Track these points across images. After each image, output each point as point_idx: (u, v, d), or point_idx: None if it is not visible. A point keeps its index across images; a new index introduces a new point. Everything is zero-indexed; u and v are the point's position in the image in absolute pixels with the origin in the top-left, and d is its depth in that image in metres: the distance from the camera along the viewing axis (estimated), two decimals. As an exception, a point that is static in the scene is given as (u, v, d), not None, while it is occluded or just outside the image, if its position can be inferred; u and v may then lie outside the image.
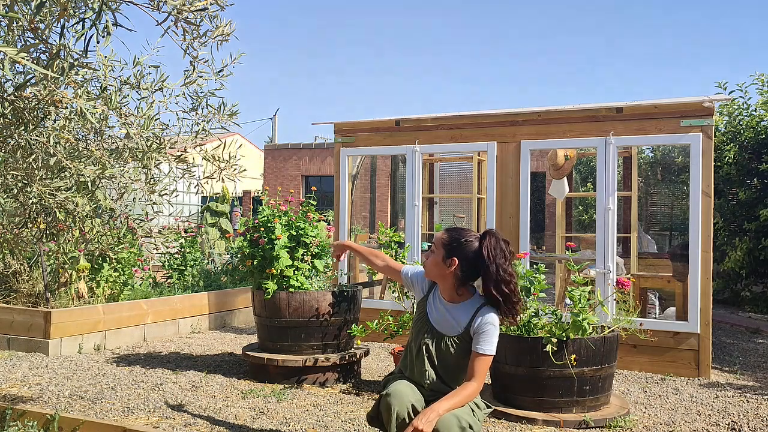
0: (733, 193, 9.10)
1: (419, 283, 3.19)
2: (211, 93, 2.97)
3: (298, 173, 22.73)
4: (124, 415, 3.99)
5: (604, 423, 3.91)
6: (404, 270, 3.30)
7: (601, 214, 5.55)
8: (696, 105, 5.29)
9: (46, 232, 3.12)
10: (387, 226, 8.45)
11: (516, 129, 5.96)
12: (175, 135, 3.01)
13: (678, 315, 6.31)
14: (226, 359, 5.60)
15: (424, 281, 3.18)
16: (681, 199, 11.87)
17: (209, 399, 4.35)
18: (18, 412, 3.65)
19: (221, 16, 2.69)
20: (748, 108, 9.03)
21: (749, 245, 8.54)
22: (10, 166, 2.73)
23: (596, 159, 5.69)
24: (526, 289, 4.20)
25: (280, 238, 4.83)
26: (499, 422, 3.95)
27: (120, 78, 2.74)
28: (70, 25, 2.42)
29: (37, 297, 6.33)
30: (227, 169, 3.09)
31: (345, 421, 3.93)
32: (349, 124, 6.71)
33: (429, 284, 3.15)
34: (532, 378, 3.97)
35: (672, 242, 12.22)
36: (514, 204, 5.92)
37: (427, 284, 3.15)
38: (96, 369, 5.15)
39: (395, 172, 10.71)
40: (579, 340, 3.91)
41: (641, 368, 5.38)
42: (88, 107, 2.34)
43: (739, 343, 6.65)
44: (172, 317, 6.71)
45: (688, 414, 4.21)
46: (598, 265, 5.52)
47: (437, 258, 2.96)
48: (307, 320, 4.78)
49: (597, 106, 5.72)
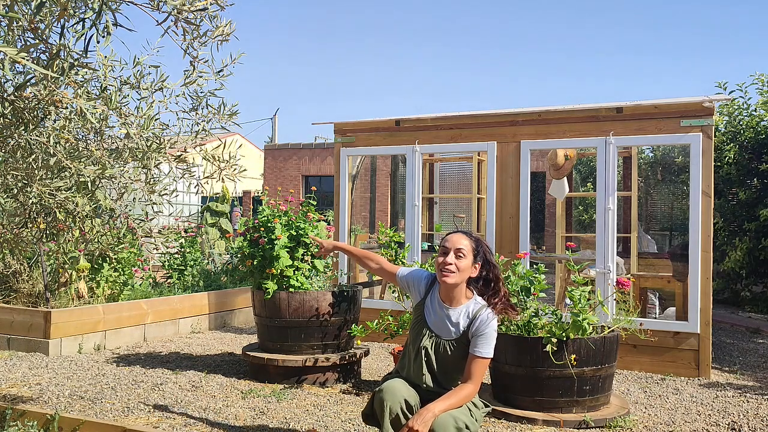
0: (733, 193, 9.11)
1: (416, 286, 3.17)
2: (211, 93, 2.97)
3: (298, 173, 22.73)
4: (124, 415, 3.99)
5: (604, 423, 3.91)
6: (400, 273, 3.27)
7: (601, 214, 5.55)
8: (696, 105, 5.29)
9: (46, 232, 3.12)
10: (387, 226, 8.45)
11: (516, 129, 5.96)
12: (175, 135, 3.01)
13: (678, 315, 6.31)
14: (226, 359, 5.60)
15: (420, 284, 3.16)
16: (681, 199, 11.87)
17: (209, 399, 4.35)
18: (18, 412, 3.65)
19: (221, 16, 2.70)
20: (748, 108, 9.03)
21: (749, 245, 8.54)
22: (10, 166, 2.73)
23: (596, 159, 5.69)
24: (526, 289, 4.20)
25: (280, 238, 4.83)
26: (499, 422, 3.95)
27: (120, 78, 2.74)
28: (70, 25, 2.42)
29: (37, 297, 6.33)
30: (227, 169, 3.09)
31: (345, 421, 3.93)
32: (349, 124, 6.71)
33: (426, 287, 3.13)
34: (532, 378, 3.97)
35: (672, 242, 12.22)
36: (514, 204, 5.91)
37: (424, 287, 3.14)
38: (96, 369, 5.15)
39: (395, 172, 10.71)
40: (579, 340, 3.91)
41: (641, 368, 5.38)
42: (88, 107, 2.34)
43: (739, 343, 6.65)
44: (172, 317, 6.71)
45: (688, 414, 4.21)
46: (598, 265, 5.52)
47: (468, 263, 2.97)
48: (307, 320, 4.78)
49: (597, 106, 5.72)
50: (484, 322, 2.93)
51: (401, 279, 3.25)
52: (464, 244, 2.99)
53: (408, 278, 3.22)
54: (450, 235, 3.06)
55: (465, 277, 2.98)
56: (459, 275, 2.96)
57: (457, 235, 3.03)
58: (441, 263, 2.97)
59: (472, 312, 2.97)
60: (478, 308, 2.98)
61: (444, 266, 2.95)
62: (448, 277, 2.94)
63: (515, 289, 4.20)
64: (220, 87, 2.96)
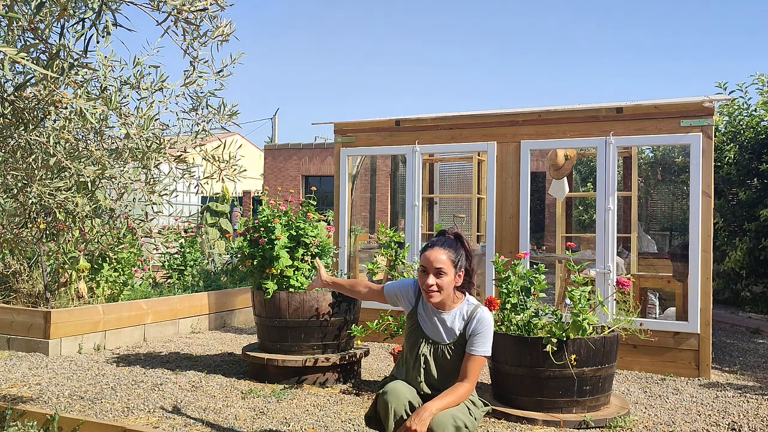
0: (733, 193, 9.11)
1: (404, 296, 3.13)
2: (211, 93, 2.96)
3: (298, 173, 22.73)
4: (124, 415, 3.99)
5: (604, 423, 3.91)
6: (386, 289, 3.20)
7: (601, 214, 5.55)
8: (696, 105, 5.29)
9: (46, 232, 3.12)
10: (387, 226, 8.44)
11: (516, 129, 5.96)
12: (175, 135, 3.01)
13: (678, 315, 6.31)
14: (226, 359, 5.60)
15: (408, 293, 3.13)
16: (681, 199, 11.87)
17: (209, 399, 4.35)
18: (18, 412, 3.65)
19: (221, 17, 2.69)
20: (748, 108, 9.03)
21: (749, 245, 8.54)
22: (10, 166, 2.73)
23: (596, 159, 5.69)
24: (526, 289, 4.20)
25: (280, 238, 4.83)
26: (499, 422, 3.95)
27: (120, 78, 2.74)
28: (70, 25, 2.42)
29: (37, 297, 6.33)
30: (227, 169, 3.09)
31: (345, 421, 3.93)
32: (349, 124, 6.71)
33: (414, 295, 3.11)
34: (532, 378, 3.97)
35: (672, 242, 12.23)
36: (514, 204, 5.91)
37: (413, 295, 3.11)
38: (96, 369, 5.15)
39: (395, 172, 10.71)
40: (579, 340, 3.91)
41: (641, 368, 5.38)
42: (88, 107, 2.34)
43: (739, 343, 6.65)
44: (172, 317, 6.71)
45: (688, 414, 4.21)
46: (598, 265, 5.52)
47: (450, 278, 2.91)
48: (307, 320, 4.78)
49: (597, 106, 5.72)
50: (480, 321, 2.93)
51: (388, 294, 3.18)
52: (443, 260, 2.89)
53: (395, 291, 3.16)
54: (428, 251, 2.94)
55: (450, 290, 2.94)
56: (443, 293, 2.92)
57: (435, 250, 2.91)
58: (423, 285, 2.93)
59: (467, 313, 2.97)
60: (473, 308, 2.98)
61: (427, 288, 2.90)
62: (433, 297, 2.91)
63: (515, 289, 4.20)
64: (220, 87, 2.96)
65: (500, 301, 4.19)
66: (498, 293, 4.31)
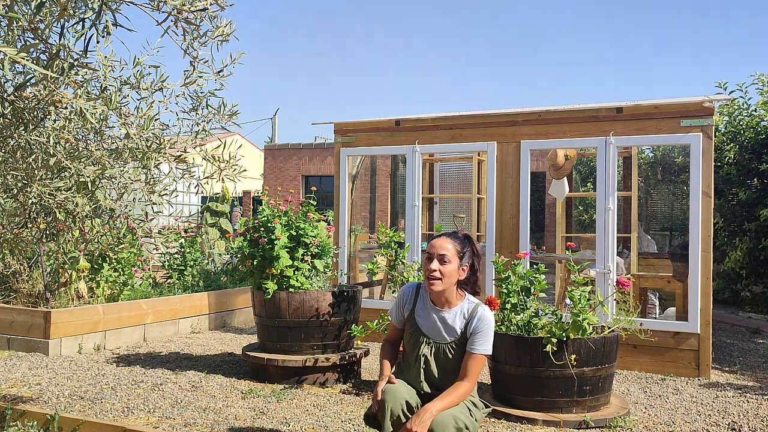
0: (733, 193, 9.11)
1: (405, 304, 3.12)
2: (211, 93, 2.96)
3: (298, 173, 22.73)
4: (124, 415, 3.99)
5: (604, 423, 3.91)
6: (391, 319, 3.17)
7: (601, 214, 5.55)
8: (696, 105, 5.29)
9: (46, 232, 3.12)
10: (387, 226, 8.44)
11: (516, 129, 5.96)
12: (175, 135, 3.01)
13: (678, 315, 6.31)
14: (226, 359, 5.60)
15: (406, 298, 3.12)
16: (681, 199, 11.88)
17: (209, 399, 4.35)
18: (18, 412, 3.65)
19: (221, 17, 2.69)
20: (748, 108, 9.03)
21: (749, 245, 8.54)
22: (10, 166, 2.73)
23: (596, 159, 5.69)
24: (526, 289, 4.20)
25: (280, 238, 4.82)
26: (499, 422, 3.95)
27: (120, 78, 2.74)
28: (70, 25, 2.42)
29: (37, 297, 6.33)
30: (227, 169, 3.09)
31: (345, 421, 3.93)
32: (349, 124, 6.71)
33: (412, 297, 3.11)
34: (532, 378, 3.97)
35: (672, 242, 12.23)
36: (514, 204, 5.91)
37: (411, 297, 3.11)
38: (96, 369, 5.15)
39: (395, 172, 10.71)
40: (579, 340, 3.91)
41: (641, 368, 5.38)
42: (88, 107, 2.34)
43: (739, 343, 6.65)
44: (172, 317, 6.71)
45: (688, 414, 4.21)
46: (598, 265, 5.52)
47: (454, 267, 2.92)
48: (307, 320, 4.78)
49: (597, 106, 5.72)
50: (481, 319, 2.93)
51: (394, 319, 3.15)
52: (448, 248, 2.93)
53: (396, 310, 3.14)
54: (434, 239, 3.00)
55: (452, 282, 2.95)
56: (445, 281, 2.92)
57: (441, 239, 2.98)
58: (426, 271, 2.94)
59: (468, 312, 2.97)
60: (473, 307, 2.97)
61: (429, 274, 2.92)
62: (434, 285, 2.91)
63: (515, 289, 4.20)
64: (220, 87, 2.96)
65: (500, 301, 4.19)
66: (498, 293, 4.31)
